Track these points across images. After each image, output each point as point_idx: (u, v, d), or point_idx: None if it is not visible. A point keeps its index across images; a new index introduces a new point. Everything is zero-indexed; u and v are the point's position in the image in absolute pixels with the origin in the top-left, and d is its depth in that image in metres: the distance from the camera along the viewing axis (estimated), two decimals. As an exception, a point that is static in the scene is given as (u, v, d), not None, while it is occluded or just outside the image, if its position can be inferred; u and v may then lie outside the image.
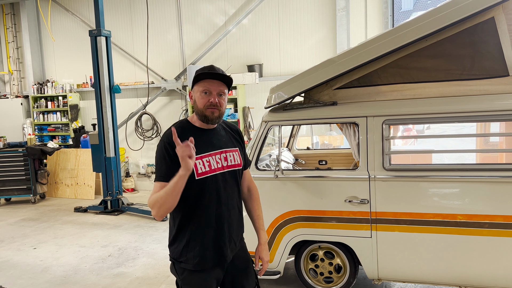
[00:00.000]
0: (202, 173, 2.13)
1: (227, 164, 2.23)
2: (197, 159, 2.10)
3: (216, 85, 2.14)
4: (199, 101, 2.14)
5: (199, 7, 8.86)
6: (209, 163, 2.16)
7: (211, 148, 2.19)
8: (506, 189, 3.12)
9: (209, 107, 2.12)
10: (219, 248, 2.19)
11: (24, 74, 10.66)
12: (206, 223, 2.16)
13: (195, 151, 1.91)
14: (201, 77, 2.14)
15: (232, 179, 2.27)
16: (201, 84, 2.14)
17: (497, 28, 3.15)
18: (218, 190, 2.17)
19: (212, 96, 2.12)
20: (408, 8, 27.05)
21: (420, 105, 3.33)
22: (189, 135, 2.05)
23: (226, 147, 2.26)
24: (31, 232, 6.42)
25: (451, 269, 3.29)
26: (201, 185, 2.12)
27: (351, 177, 3.50)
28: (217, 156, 2.20)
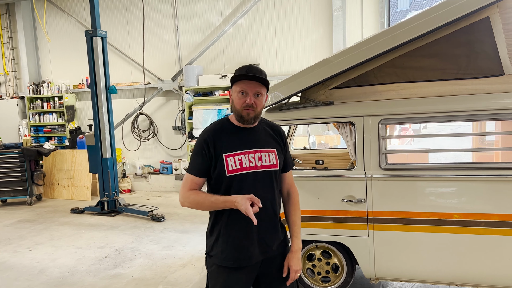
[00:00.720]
0: (233, 170, 2.15)
1: (261, 164, 2.21)
2: (229, 156, 2.15)
3: (253, 86, 2.13)
4: (236, 102, 2.17)
5: (196, 7, 8.85)
6: (240, 161, 2.17)
7: (245, 147, 2.20)
8: (502, 188, 3.13)
9: (246, 108, 2.14)
10: (245, 248, 2.18)
11: (20, 75, 10.62)
12: (235, 222, 2.17)
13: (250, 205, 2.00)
14: (239, 78, 2.14)
15: (266, 179, 2.23)
16: (239, 85, 2.15)
17: (492, 27, 3.16)
18: (249, 189, 2.15)
19: (248, 97, 2.13)
20: (404, 8, 27.14)
21: (416, 105, 3.33)
22: (226, 133, 2.20)
23: (261, 147, 2.24)
24: (28, 234, 6.39)
25: (448, 267, 3.30)
26: (231, 183, 2.15)
27: (347, 177, 3.50)
28: (251, 155, 2.20)
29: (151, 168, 9.47)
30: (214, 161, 2.16)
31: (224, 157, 2.15)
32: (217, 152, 2.16)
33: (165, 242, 5.76)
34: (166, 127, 9.34)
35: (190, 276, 4.58)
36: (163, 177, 9.26)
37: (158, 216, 6.81)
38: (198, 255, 5.21)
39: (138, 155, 9.62)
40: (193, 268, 4.80)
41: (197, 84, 8.23)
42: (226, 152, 2.16)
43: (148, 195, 8.93)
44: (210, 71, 8.76)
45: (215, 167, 2.17)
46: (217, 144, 2.17)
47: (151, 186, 9.35)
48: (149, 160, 9.60)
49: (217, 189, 2.19)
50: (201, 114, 8.13)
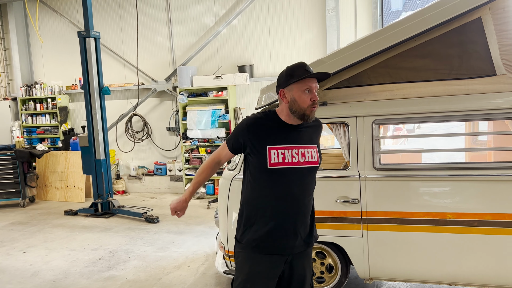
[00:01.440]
0: (275, 164, 2.21)
1: (304, 160, 2.27)
2: (272, 149, 2.21)
3: (314, 82, 2.22)
4: (301, 100, 2.19)
5: (189, 8, 8.83)
6: (283, 155, 2.22)
7: (288, 142, 2.25)
8: (495, 188, 3.16)
9: (311, 106, 2.20)
10: (280, 238, 2.26)
11: (12, 76, 10.54)
12: (273, 212, 2.24)
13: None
14: (302, 76, 2.17)
15: (307, 176, 2.31)
16: (302, 83, 2.19)
17: (484, 28, 3.18)
18: (290, 183, 2.23)
19: (313, 95, 2.20)
20: (397, 8, 27.23)
21: (409, 105, 3.35)
22: (272, 126, 2.26)
23: (305, 143, 2.30)
24: (20, 236, 6.34)
25: (442, 267, 3.32)
26: (272, 175, 2.22)
27: (341, 177, 3.51)
28: (294, 151, 2.25)
29: (145, 170, 9.43)
30: (255, 151, 2.23)
31: (268, 149, 2.20)
32: (258, 142, 2.22)
33: (159, 243, 5.74)
34: (160, 128, 9.31)
35: (184, 278, 4.57)
36: (157, 178, 9.23)
37: (152, 217, 6.78)
38: (193, 256, 5.20)
39: (132, 156, 9.58)
40: (188, 270, 4.78)
41: (191, 85, 8.21)
42: (270, 144, 2.21)
43: (142, 197, 8.89)
44: (204, 71, 8.74)
45: (256, 157, 2.23)
46: (261, 134, 2.23)
47: (145, 188, 9.32)
48: (143, 161, 9.56)
49: (256, 179, 2.27)
50: (195, 115, 8.11)
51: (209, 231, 6.13)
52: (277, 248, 2.27)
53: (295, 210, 2.29)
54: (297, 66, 2.24)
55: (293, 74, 2.20)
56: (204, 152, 8.28)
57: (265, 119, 2.29)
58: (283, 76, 2.27)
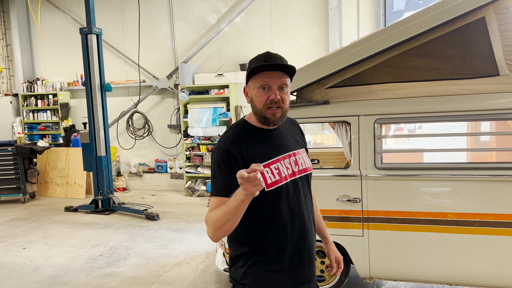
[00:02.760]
0: (272, 184, 1.78)
1: (298, 168, 1.90)
2: (264, 167, 1.72)
3: (276, 77, 1.76)
4: (257, 100, 1.78)
5: (191, 5, 8.81)
6: (278, 170, 1.81)
7: (278, 152, 1.85)
8: (496, 188, 3.15)
9: (270, 107, 1.77)
10: (294, 269, 1.86)
11: (14, 72, 10.53)
12: (278, 242, 1.83)
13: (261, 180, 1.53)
14: (257, 70, 1.75)
15: (305, 185, 1.94)
16: (258, 78, 1.76)
17: (487, 27, 3.17)
18: (290, 201, 1.84)
19: (272, 92, 1.76)
20: (400, 8, 27.21)
21: (412, 104, 3.34)
22: (251, 139, 1.81)
23: (293, 149, 1.92)
24: (21, 232, 6.35)
25: (442, 267, 3.31)
26: (271, 198, 1.79)
27: (343, 176, 3.50)
28: (286, 161, 1.86)
29: (146, 167, 9.43)
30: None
31: None
32: (247, 164, 1.69)
33: (159, 241, 5.74)
34: (161, 126, 9.31)
35: (184, 275, 4.57)
36: (158, 175, 9.23)
37: (152, 214, 6.78)
38: (193, 254, 5.20)
39: (132, 154, 9.58)
40: (188, 267, 4.78)
41: (192, 82, 8.20)
42: (259, 162, 1.70)
43: (143, 194, 8.90)
44: (205, 69, 8.73)
45: None
46: (245, 154, 1.77)
47: (146, 185, 9.32)
48: (144, 158, 9.56)
49: (256, 209, 1.78)
50: (197, 112, 8.10)
51: (210, 229, 6.13)
52: (293, 283, 1.89)
53: (303, 230, 1.90)
54: (257, 57, 1.80)
55: (251, 67, 1.76)
56: (205, 150, 8.28)
57: (241, 134, 1.83)
58: (246, 71, 1.82)
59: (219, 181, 1.76)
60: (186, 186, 8.48)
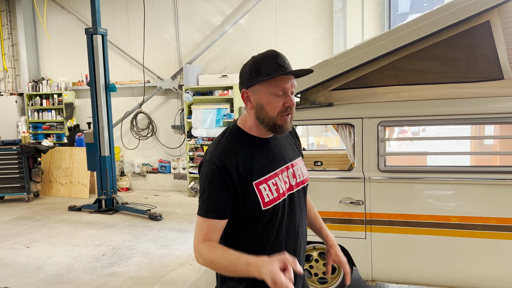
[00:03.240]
0: (270, 202, 1.60)
1: (296, 181, 1.73)
2: (261, 183, 1.59)
3: (290, 81, 1.58)
4: (270, 106, 1.57)
5: (196, 6, 8.84)
6: (276, 186, 1.63)
7: (276, 165, 1.67)
8: (500, 192, 3.14)
9: (284, 114, 1.58)
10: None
11: (19, 72, 10.60)
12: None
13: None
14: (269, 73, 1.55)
15: (301, 198, 1.77)
16: (272, 83, 1.55)
17: (492, 31, 3.17)
18: (285, 218, 1.67)
19: (288, 98, 1.57)
20: (405, 10, 27.18)
21: (415, 107, 3.34)
22: (247, 151, 1.61)
23: (291, 159, 1.75)
24: (25, 231, 6.38)
25: (444, 270, 3.30)
26: (268, 217, 1.62)
27: (346, 178, 3.51)
28: (284, 174, 1.68)
29: (150, 167, 9.46)
30: (241, 195, 1.57)
31: (255, 186, 1.58)
32: (243, 181, 1.56)
33: (162, 241, 5.75)
34: (165, 126, 9.34)
35: (187, 276, 4.58)
36: (161, 176, 9.25)
37: (155, 215, 6.80)
38: (195, 254, 5.21)
39: (136, 154, 9.61)
40: (190, 268, 4.79)
41: (196, 83, 8.22)
42: (256, 178, 1.59)
43: (146, 194, 8.92)
44: (210, 70, 8.76)
45: (243, 202, 1.58)
46: (241, 170, 1.57)
47: (149, 185, 9.34)
48: (148, 158, 9.59)
49: (250, 229, 1.62)
50: (200, 113, 8.12)
51: (212, 230, 6.14)
52: None
53: (298, 248, 1.76)
54: (266, 57, 1.58)
55: (260, 69, 1.55)
56: (208, 150, 8.28)
57: (237, 145, 1.62)
58: (246, 71, 1.60)
59: (210, 201, 1.56)
60: (189, 187, 8.50)
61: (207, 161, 1.59)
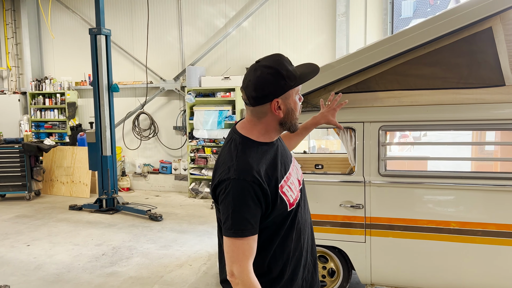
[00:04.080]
0: (294, 201, 1.66)
1: (300, 175, 1.82)
2: (283, 186, 1.62)
3: None
4: (297, 108, 1.64)
5: (200, 9, 8.88)
6: (293, 185, 1.68)
7: (287, 165, 1.72)
8: (500, 198, 3.15)
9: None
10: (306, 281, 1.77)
11: (23, 71, 10.64)
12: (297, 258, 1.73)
13: None
14: (302, 76, 1.63)
15: (306, 197, 1.84)
16: (295, 87, 1.63)
17: (494, 38, 3.18)
18: (300, 212, 1.72)
19: (299, 98, 1.67)
20: (407, 15, 27.24)
21: (417, 112, 3.35)
22: (265, 159, 1.61)
23: (291, 156, 1.83)
24: (25, 229, 6.40)
25: (443, 275, 3.31)
26: (292, 216, 1.66)
27: (346, 182, 3.52)
28: (293, 172, 1.76)
29: (151, 167, 9.48)
30: (271, 203, 1.57)
31: (280, 190, 1.59)
32: (272, 190, 1.57)
33: (162, 241, 5.76)
34: (166, 127, 9.36)
35: (186, 277, 4.59)
36: (162, 176, 9.27)
37: (156, 215, 6.81)
38: (195, 255, 5.22)
39: (138, 154, 9.63)
40: (190, 269, 4.80)
41: (199, 85, 8.25)
42: (279, 182, 1.61)
43: (147, 194, 8.94)
44: (212, 72, 8.78)
45: (273, 209, 1.58)
46: (267, 180, 1.56)
47: (150, 185, 9.36)
48: (149, 159, 9.61)
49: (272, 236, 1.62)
50: (202, 115, 8.14)
51: (212, 231, 6.15)
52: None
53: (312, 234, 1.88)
54: (280, 62, 1.58)
55: (285, 75, 1.56)
56: (209, 152, 8.31)
57: (256, 156, 1.59)
58: (271, 81, 1.55)
59: (243, 219, 1.49)
60: (190, 188, 8.51)
61: (234, 179, 1.51)
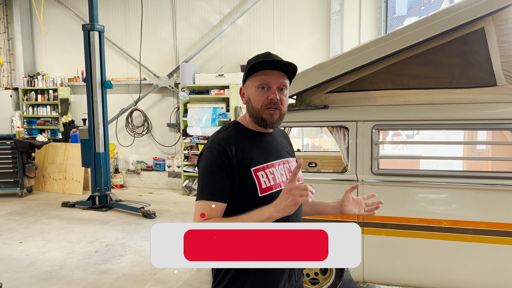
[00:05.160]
0: (266, 189, 1.67)
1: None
2: (259, 170, 1.67)
3: (276, 76, 1.68)
4: (255, 99, 1.70)
5: (194, 5, 8.85)
6: (273, 175, 1.71)
7: (273, 157, 1.76)
8: (490, 197, 3.19)
9: (268, 107, 1.68)
10: (275, 283, 1.71)
11: (15, 66, 10.55)
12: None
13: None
14: (257, 68, 1.68)
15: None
16: (257, 77, 1.69)
17: (486, 38, 3.21)
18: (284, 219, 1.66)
19: (271, 92, 1.68)
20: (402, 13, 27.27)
21: (410, 112, 3.38)
22: (246, 141, 1.72)
23: (286, 156, 1.83)
24: (17, 226, 6.36)
25: (435, 273, 3.35)
26: (265, 204, 1.61)
27: (339, 180, 3.54)
28: (281, 167, 1.77)
29: (144, 165, 9.45)
30: (238, 179, 1.64)
31: (253, 172, 1.66)
32: (241, 166, 1.65)
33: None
34: (160, 124, 9.34)
35: (179, 274, 4.60)
36: (155, 173, 9.25)
37: (149, 212, 6.81)
38: (188, 253, 5.22)
39: (131, 151, 9.60)
40: (183, 266, 4.81)
41: (193, 82, 8.23)
42: (255, 165, 1.67)
43: (140, 192, 8.92)
44: (206, 69, 8.77)
45: (240, 187, 1.65)
46: (239, 156, 1.66)
47: (143, 183, 9.34)
48: (142, 156, 9.58)
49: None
50: (196, 112, 8.13)
51: (206, 229, 6.15)
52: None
53: None
54: (257, 56, 1.73)
55: (249, 65, 1.69)
56: (203, 149, 8.30)
57: (236, 135, 1.73)
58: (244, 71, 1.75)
59: (211, 184, 1.62)
60: (184, 185, 8.51)
61: (208, 147, 1.69)
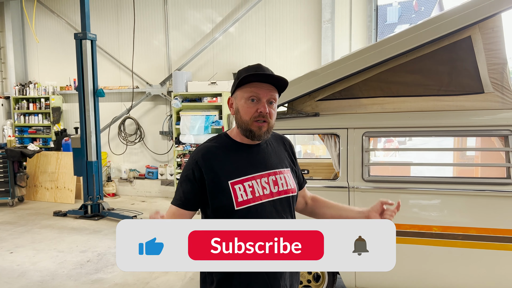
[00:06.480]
0: (243, 202, 1.67)
1: (278, 189, 1.76)
2: (236, 183, 1.68)
3: (266, 89, 1.70)
4: (244, 111, 1.70)
5: (186, 14, 8.89)
6: (252, 188, 1.70)
7: (255, 169, 1.74)
8: (480, 203, 3.23)
9: (257, 120, 1.69)
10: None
11: (6, 75, 10.50)
12: (253, 274, 1.66)
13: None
14: (247, 80, 1.69)
15: (285, 209, 1.78)
16: (247, 89, 1.70)
17: (473, 46, 3.28)
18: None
19: (261, 105, 1.69)
20: (393, 21, 27.62)
21: (399, 119, 3.42)
22: (228, 152, 1.74)
23: (275, 168, 1.80)
24: (8, 236, 6.30)
25: (427, 278, 3.37)
26: (240, 218, 1.65)
27: (331, 187, 3.56)
28: (264, 180, 1.74)
29: (137, 173, 9.42)
30: (213, 191, 1.69)
31: (230, 185, 1.68)
32: (216, 178, 1.69)
33: None
34: (153, 132, 9.32)
35: (172, 283, 4.57)
36: (148, 182, 9.22)
37: (142, 221, 6.76)
38: (181, 261, 5.20)
39: (123, 159, 9.56)
40: (175, 275, 4.79)
41: (185, 90, 8.25)
42: (232, 178, 1.69)
43: (133, 200, 8.87)
44: (199, 77, 8.79)
45: (215, 199, 1.69)
46: (215, 167, 1.70)
47: (136, 191, 9.30)
48: (135, 164, 9.55)
49: None
50: (189, 120, 8.14)
51: (199, 237, 6.14)
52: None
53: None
54: (247, 67, 1.74)
55: (239, 77, 1.71)
56: (196, 157, 8.29)
57: (217, 146, 1.76)
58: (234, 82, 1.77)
59: (180, 191, 1.76)
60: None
61: (191, 157, 1.78)
